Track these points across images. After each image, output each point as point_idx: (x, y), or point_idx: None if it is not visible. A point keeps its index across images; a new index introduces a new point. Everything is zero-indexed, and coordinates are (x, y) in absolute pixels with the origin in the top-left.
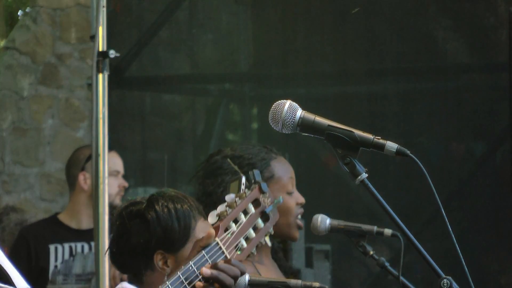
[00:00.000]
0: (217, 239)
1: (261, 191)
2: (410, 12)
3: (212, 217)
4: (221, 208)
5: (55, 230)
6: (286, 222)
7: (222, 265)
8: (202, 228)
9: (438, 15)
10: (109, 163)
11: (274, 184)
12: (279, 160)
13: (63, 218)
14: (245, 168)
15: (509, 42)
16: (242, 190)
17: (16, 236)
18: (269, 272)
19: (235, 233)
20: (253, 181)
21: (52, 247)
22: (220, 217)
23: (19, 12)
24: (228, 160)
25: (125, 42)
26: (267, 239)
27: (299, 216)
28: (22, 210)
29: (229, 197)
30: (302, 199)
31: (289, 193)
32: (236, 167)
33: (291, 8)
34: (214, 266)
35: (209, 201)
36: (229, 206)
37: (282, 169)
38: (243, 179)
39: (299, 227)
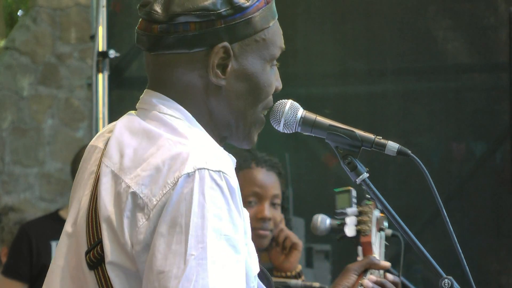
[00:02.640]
0: (375, 255)
1: (376, 207)
2: (410, 12)
3: (350, 230)
4: (353, 220)
5: (56, 226)
6: None
7: (385, 281)
8: None
9: (438, 15)
10: None
11: None
12: (240, 175)
13: (64, 214)
14: None
15: (509, 42)
16: (354, 203)
17: (17, 232)
18: None
19: (376, 250)
20: (369, 196)
21: (53, 244)
22: (362, 232)
23: (19, 12)
24: None
25: (125, 42)
26: None
27: (262, 231)
28: (21, 209)
29: (352, 210)
30: (262, 214)
31: (249, 202)
32: None
33: (291, 8)
34: (379, 282)
35: None
36: (362, 222)
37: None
38: (354, 192)
39: (261, 236)
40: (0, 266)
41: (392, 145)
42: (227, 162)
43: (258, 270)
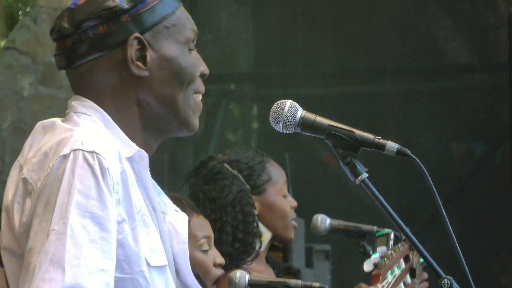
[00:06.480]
0: (379, 285)
1: (411, 249)
2: (410, 12)
3: (368, 265)
4: (375, 258)
5: None
6: (283, 224)
7: None
8: (197, 223)
9: (438, 15)
10: None
11: (271, 186)
12: (273, 164)
13: None
14: (245, 172)
15: (509, 42)
16: (391, 245)
17: None
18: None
19: (391, 283)
20: (403, 238)
21: None
22: (377, 266)
23: (19, 12)
24: (226, 164)
25: None
26: (264, 243)
27: (293, 219)
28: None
29: (381, 249)
30: (295, 203)
31: (285, 196)
32: (235, 171)
33: (291, 8)
34: None
35: (214, 207)
36: (385, 257)
37: (278, 172)
38: (392, 235)
39: (294, 227)
40: None
41: (392, 145)
42: (110, 148)
43: (161, 262)
